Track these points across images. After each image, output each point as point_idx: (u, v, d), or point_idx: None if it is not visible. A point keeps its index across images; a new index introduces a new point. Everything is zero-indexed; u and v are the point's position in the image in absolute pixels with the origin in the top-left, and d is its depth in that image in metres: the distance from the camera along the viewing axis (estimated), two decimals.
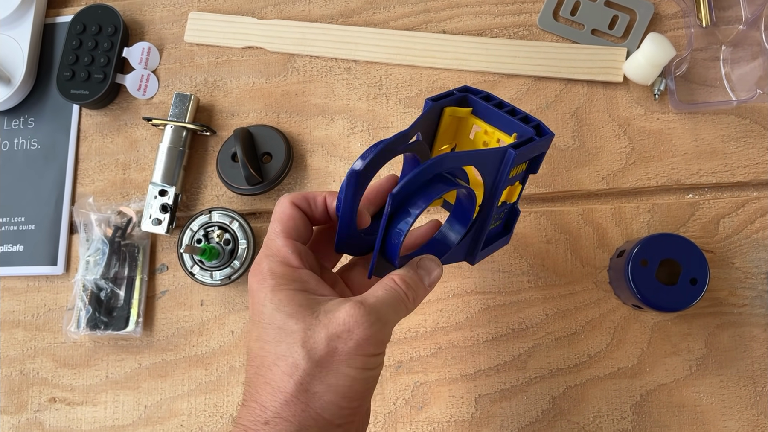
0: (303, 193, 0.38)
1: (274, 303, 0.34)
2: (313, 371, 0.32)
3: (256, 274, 0.35)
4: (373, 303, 0.34)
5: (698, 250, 0.48)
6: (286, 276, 0.35)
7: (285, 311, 0.33)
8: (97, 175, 0.61)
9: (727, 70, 0.55)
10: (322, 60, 0.60)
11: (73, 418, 0.57)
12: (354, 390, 0.33)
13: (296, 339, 0.33)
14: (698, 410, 0.52)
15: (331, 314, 0.33)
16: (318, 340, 0.32)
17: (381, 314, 0.33)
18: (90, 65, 0.61)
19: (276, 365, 0.33)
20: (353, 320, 0.32)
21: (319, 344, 0.32)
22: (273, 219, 0.37)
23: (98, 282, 0.57)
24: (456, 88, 0.41)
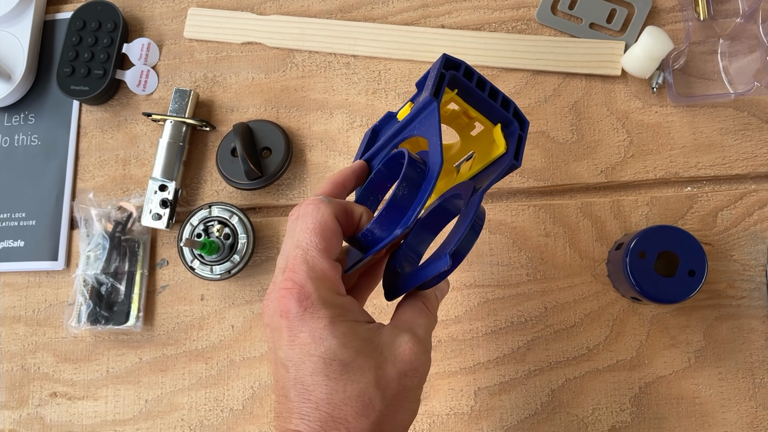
0: (344, 205, 0.35)
1: (338, 338, 0.31)
2: (387, 411, 0.31)
3: (301, 298, 0.32)
4: (422, 335, 0.34)
5: (696, 241, 0.48)
6: (340, 306, 0.33)
7: (353, 347, 0.31)
8: (98, 171, 0.61)
9: (724, 63, 0.56)
10: (321, 55, 0.61)
11: (74, 413, 0.57)
12: (408, 422, 0.33)
13: (370, 378, 0.31)
14: (697, 402, 0.52)
15: (395, 350, 0.32)
16: (390, 380, 0.32)
17: (428, 344, 0.34)
18: (90, 61, 0.61)
19: (347, 405, 0.31)
20: (417, 358, 0.33)
21: (392, 383, 0.32)
22: (311, 229, 0.33)
23: (99, 277, 0.57)
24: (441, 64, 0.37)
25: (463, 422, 0.53)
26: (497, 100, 0.38)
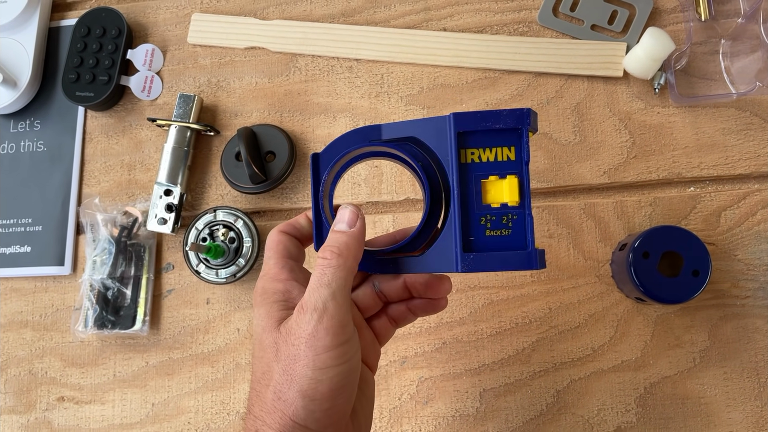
0: (287, 222, 0.40)
1: (257, 318, 0.36)
2: (282, 379, 0.33)
3: (254, 293, 0.38)
4: (307, 297, 0.34)
5: (699, 241, 0.48)
6: (270, 290, 0.37)
7: (261, 326, 0.36)
8: (103, 176, 0.62)
9: (726, 63, 0.56)
10: (323, 59, 0.61)
11: (82, 417, 0.58)
12: (319, 392, 0.33)
13: (270, 353, 0.34)
14: (702, 402, 0.52)
15: (286, 325, 0.34)
16: (281, 349, 0.34)
17: (317, 303, 0.33)
18: (95, 67, 0.62)
19: (262, 378, 0.35)
20: (298, 323, 0.34)
21: (282, 352, 0.34)
22: (266, 249, 0.39)
23: (105, 281, 0.58)
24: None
25: (468, 424, 0.53)
26: None
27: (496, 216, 0.37)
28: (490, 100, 0.58)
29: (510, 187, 0.36)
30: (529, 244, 0.36)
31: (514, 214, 0.36)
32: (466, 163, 0.37)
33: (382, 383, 0.55)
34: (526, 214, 0.36)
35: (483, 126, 0.36)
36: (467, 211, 0.37)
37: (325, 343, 0.33)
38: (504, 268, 0.36)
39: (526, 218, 0.36)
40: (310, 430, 0.33)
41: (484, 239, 0.37)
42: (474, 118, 0.36)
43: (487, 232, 0.37)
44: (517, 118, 0.35)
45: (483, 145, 0.36)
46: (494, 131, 0.36)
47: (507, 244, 0.37)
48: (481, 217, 0.37)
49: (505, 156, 0.36)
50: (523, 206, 0.36)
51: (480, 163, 0.37)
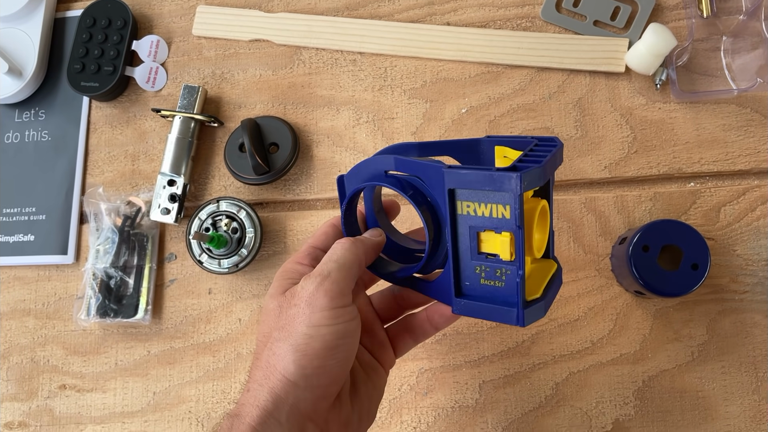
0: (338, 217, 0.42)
1: (269, 291, 0.39)
2: (277, 335, 0.36)
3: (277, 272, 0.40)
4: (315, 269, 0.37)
5: (699, 235, 0.49)
6: (289, 270, 0.39)
7: (269, 294, 0.38)
8: (107, 166, 0.62)
9: (727, 60, 0.56)
10: (327, 52, 0.61)
11: (83, 405, 0.58)
12: (312, 347, 0.35)
13: (272, 316, 0.37)
14: (700, 396, 0.52)
15: (291, 290, 0.37)
16: (283, 312, 0.36)
17: (323, 270, 0.36)
18: (100, 58, 0.62)
19: (262, 341, 0.37)
20: (301, 288, 0.36)
21: (284, 315, 0.36)
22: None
23: (108, 270, 0.58)
24: None
25: (467, 415, 0.54)
26: None
27: (490, 268, 0.37)
28: (493, 95, 0.58)
29: (503, 244, 0.35)
30: (518, 304, 0.36)
31: (508, 269, 0.36)
32: (462, 215, 0.36)
33: None
34: (518, 274, 0.35)
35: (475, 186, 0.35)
36: (460, 258, 0.37)
37: (323, 303, 0.35)
38: (491, 318, 0.37)
39: (516, 278, 0.36)
40: (298, 387, 0.34)
41: (478, 287, 0.37)
42: (465, 178, 0.35)
43: (482, 280, 0.37)
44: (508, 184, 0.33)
45: (478, 200, 0.35)
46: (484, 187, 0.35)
47: (498, 297, 0.37)
48: (477, 266, 0.37)
49: (500, 213, 0.35)
50: (516, 265, 0.35)
51: (475, 216, 0.36)
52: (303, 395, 0.35)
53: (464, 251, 0.37)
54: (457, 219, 0.37)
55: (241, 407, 0.35)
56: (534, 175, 0.34)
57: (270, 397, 0.34)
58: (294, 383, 0.34)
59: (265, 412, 0.34)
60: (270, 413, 0.34)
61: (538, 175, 0.34)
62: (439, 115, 0.59)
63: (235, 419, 0.35)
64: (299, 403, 0.35)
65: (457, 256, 0.37)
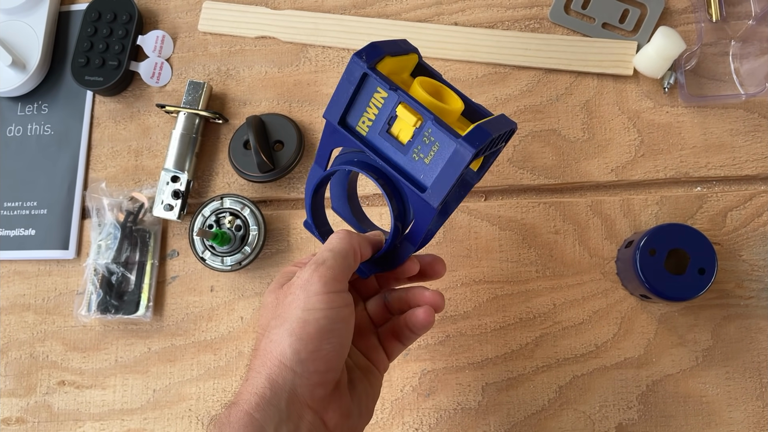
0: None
1: (269, 288, 0.40)
2: (275, 323, 0.36)
3: None
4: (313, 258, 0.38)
5: (706, 240, 0.48)
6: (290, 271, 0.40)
7: (268, 290, 0.40)
8: (110, 161, 0.62)
9: (736, 64, 0.56)
10: (334, 50, 0.61)
11: (82, 401, 0.57)
12: (306, 331, 0.35)
13: (270, 309, 0.38)
14: (704, 401, 0.52)
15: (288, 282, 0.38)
16: (280, 303, 0.37)
17: (317, 258, 0.37)
18: (104, 52, 0.62)
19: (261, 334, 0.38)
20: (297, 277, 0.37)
21: (281, 305, 0.37)
22: None
23: (109, 266, 0.57)
24: None
25: (470, 417, 0.53)
26: None
27: (419, 144, 0.37)
28: (500, 95, 0.58)
29: (404, 114, 0.37)
30: (453, 138, 0.36)
31: (428, 129, 0.37)
32: (367, 134, 0.38)
33: (385, 375, 0.54)
34: (432, 120, 0.36)
35: (344, 100, 0.38)
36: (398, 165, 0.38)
37: (317, 288, 0.36)
38: (454, 172, 0.36)
39: (434, 123, 0.36)
40: (295, 373, 0.35)
41: (427, 167, 0.37)
42: (334, 103, 0.38)
43: (426, 159, 0.37)
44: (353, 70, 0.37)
45: (362, 109, 0.38)
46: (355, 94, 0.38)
47: (443, 155, 0.37)
48: (413, 155, 0.38)
49: (381, 99, 0.37)
50: (425, 117, 0.36)
51: (373, 123, 0.38)
52: (300, 381, 0.35)
53: (395, 157, 0.38)
54: (367, 140, 0.38)
55: (238, 396, 0.35)
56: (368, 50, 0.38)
57: (267, 383, 0.35)
58: (290, 368, 0.35)
59: (263, 399, 0.34)
60: (268, 400, 0.34)
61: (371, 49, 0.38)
62: None
63: (232, 407, 0.35)
64: (297, 389, 0.35)
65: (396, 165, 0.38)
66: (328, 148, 0.41)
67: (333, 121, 0.39)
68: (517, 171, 0.57)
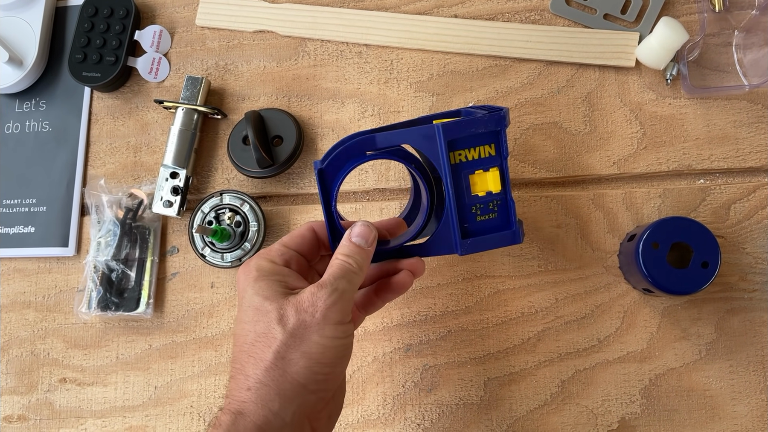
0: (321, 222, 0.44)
1: (254, 289, 0.39)
2: (288, 341, 0.37)
3: (244, 268, 0.41)
4: (328, 279, 0.39)
5: (710, 233, 0.48)
6: (267, 269, 0.40)
7: (262, 295, 0.39)
8: (109, 158, 0.61)
9: (739, 55, 0.55)
10: (333, 44, 0.60)
11: (83, 399, 0.57)
12: (326, 356, 0.37)
13: (272, 317, 0.38)
14: (707, 395, 0.52)
15: (298, 295, 0.39)
16: (289, 316, 0.38)
17: (336, 286, 0.39)
18: (102, 48, 0.61)
19: (257, 341, 0.38)
20: (315, 297, 0.38)
21: (291, 318, 0.38)
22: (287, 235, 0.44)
23: (109, 263, 0.57)
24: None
25: (472, 412, 0.53)
26: None
27: (483, 204, 0.44)
28: (501, 88, 0.58)
29: (493, 178, 0.43)
30: (512, 224, 0.44)
31: (498, 200, 0.44)
32: (456, 164, 0.43)
33: (386, 370, 0.54)
34: (508, 199, 0.43)
35: (468, 132, 0.42)
36: (461, 203, 0.43)
37: (336, 318, 0.38)
38: (494, 245, 0.44)
39: (508, 202, 0.44)
40: (307, 391, 0.37)
41: (476, 224, 0.44)
42: (459, 127, 0.42)
43: (478, 218, 0.44)
44: (496, 122, 0.42)
45: (468, 146, 0.43)
46: (479, 136, 0.42)
47: (495, 226, 0.44)
48: (473, 207, 0.44)
49: (487, 153, 0.43)
50: (505, 192, 0.43)
51: (467, 162, 0.43)
52: (310, 398, 0.37)
53: (462, 196, 0.43)
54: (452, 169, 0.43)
55: (242, 405, 0.36)
56: (507, 116, 0.43)
57: (278, 398, 0.36)
58: (304, 386, 0.37)
59: (272, 413, 0.36)
60: (276, 413, 0.36)
61: (508, 116, 0.43)
62: (446, 108, 0.58)
63: (238, 417, 0.36)
64: (305, 404, 0.37)
65: (459, 204, 0.43)
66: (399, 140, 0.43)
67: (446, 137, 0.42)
68: (519, 164, 0.56)
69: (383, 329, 0.55)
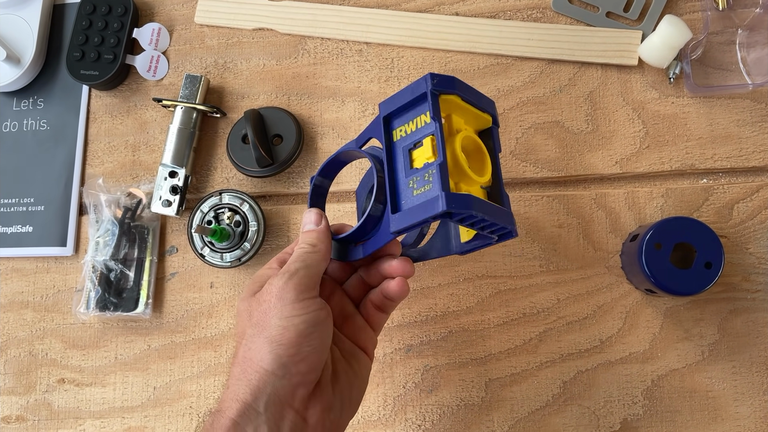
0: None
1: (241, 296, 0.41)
2: (252, 332, 0.38)
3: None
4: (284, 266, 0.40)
5: (713, 233, 0.48)
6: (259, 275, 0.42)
7: (240, 299, 0.41)
8: (107, 157, 0.61)
9: (743, 53, 0.55)
10: (333, 42, 0.60)
11: (82, 399, 0.57)
12: (285, 337, 0.37)
13: (244, 317, 0.40)
14: (710, 396, 0.51)
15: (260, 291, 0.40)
16: (253, 309, 0.39)
17: (288, 268, 0.39)
18: (100, 46, 0.61)
19: (237, 344, 0.39)
20: (270, 284, 0.39)
21: (255, 311, 0.39)
22: None
23: (108, 263, 0.57)
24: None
25: (473, 413, 0.53)
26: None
27: (420, 176, 0.38)
28: (502, 87, 0.57)
29: (429, 146, 0.38)
30: (441, 187, 0.36)
31: (433, 169, 0.37)
32: (396, 141, 0.41)
33: (387, 371, 0.54)
34: (438, 164, 0.37)
35: (400, 103, 0.40)
36: (396, 179, 0.40)
37: (292, 296, 0.38)
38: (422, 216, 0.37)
39: (438, 167, 0.37)
40: (276, 376, 0.36)
41: (412, 198, 0.39)
42: (392, 99, 0.40)
43: (414, 192, 0.39)
44: (422, 84, 0.39)
45: (405, 120, 0.40)
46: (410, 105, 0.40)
47: (427, 196, 0.38)
48: (410, 181, 0.39)
49: (423, 122, 0.39)
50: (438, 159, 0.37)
51: (406, 136, 0.40)
52: (281, 383, 0.36)
53: (399, 173, 0.40)
54: (393, 146, 0.41)
55: (221, 403, 0.37)
56: (446, 79, 0.39)
57: (248, 389, 0.36)
58: (271, 372, 0.36)
59: (245, 405, 0.36)
60: (249, 404, 0.36)
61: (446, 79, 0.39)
62: None
63: (216, 415, 0.37)
64: (277, 391, 0.36)
65: (393, 181, 0.40)
66: (369, 134, 0.43)
67: (382, 113, 0.41)
68: (520, 164, 0.56)
69: (384, 330, 0.55)
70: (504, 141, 0.56)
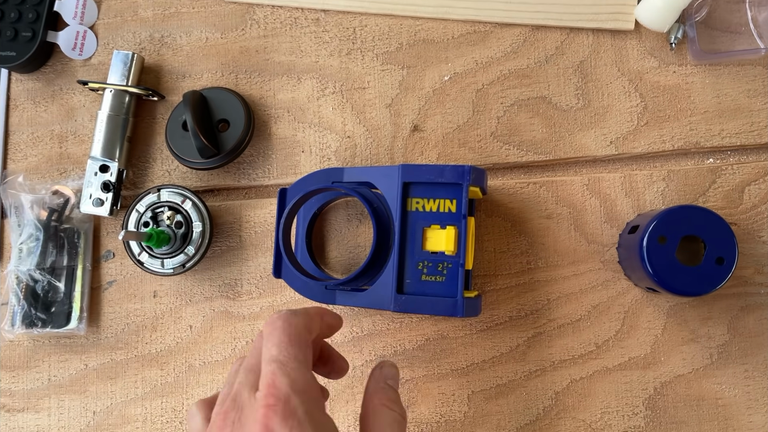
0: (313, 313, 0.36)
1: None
2: None
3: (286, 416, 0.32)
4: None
5: (726, 225, 0.42)
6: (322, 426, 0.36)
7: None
8: (30, 150, 0.53)
9: (753, 13, 0.49)
10: (285, 10, 0.53)
11: (14, 427, 0.51)
12: None
13: None
14: (720, 404, 0.47)
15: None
16: None
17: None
18: (17, 22, 0.53)
19: None
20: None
21: None
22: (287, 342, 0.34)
23: (33, 273, 0.50)
24: None
25: (455, 430, 0.48)
26: None
27: (432, 263, 0.41)
28: (480, 59, 0.50)
29: (448, 237, 0.40)
30: (458, 293, 0.40)
31: (449, 263, 0.41)
32: (411, 211, 0.41)
33: (357, 386, 0.48)
34: (460, 264, 0.40)
35: (427, 178, 0.41)
36: (405, 255, 0.41)
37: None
38: (433, 312, 0.41)
39: (459, 268, 0.40)
40: None
41: (419, 283, 0.41)
42: (420, 170, 0.41)
43: (423, 276, 0.41)
44: (459, 175, 0.40)
45: (427, 195, 0.41)
46: (438, 184, 0.41)
47: (439, 291, 0.41)
48: (419, 263, 0.41)
49: (447, 208, 0.41)
50: (459, 256, 0.40)
51: (423, 212, 0.41)
52: None
53: (409, 248, 0.41)
54: (407, 216, 0.41)
55: None
56: (479, 172, 0.41)
57: None
58: None
59: None
60: None
61: (480, 173, 0.42)
62: (418, 84, 0.51)
63: None
64: None
65: (402, 254, 0.41)
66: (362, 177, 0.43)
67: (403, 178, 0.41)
68: (502, 146, 0.49)
69: (352, 340, 0.49)
70: (484, 121, 0.50)
